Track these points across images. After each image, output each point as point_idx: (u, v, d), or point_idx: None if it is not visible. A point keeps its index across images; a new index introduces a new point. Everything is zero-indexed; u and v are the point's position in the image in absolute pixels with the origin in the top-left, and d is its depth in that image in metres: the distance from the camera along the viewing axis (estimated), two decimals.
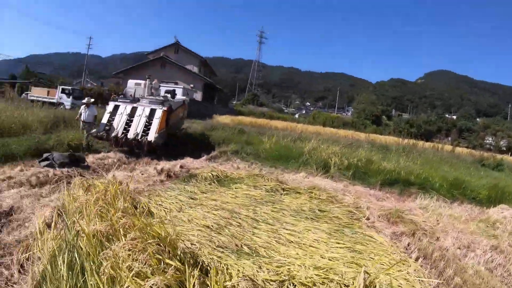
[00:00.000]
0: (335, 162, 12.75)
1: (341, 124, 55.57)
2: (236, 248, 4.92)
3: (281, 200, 7.94)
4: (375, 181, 11.68)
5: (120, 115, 13.36)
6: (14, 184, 7.62)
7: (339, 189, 10.08)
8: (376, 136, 31.39)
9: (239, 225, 5.94)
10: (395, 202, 9.23)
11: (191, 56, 47.07)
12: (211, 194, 7.93)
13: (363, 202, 8.25)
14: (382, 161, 13.21)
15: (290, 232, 5.74)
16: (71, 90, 32.86)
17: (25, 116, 14.78)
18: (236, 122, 30.30)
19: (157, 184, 8.87)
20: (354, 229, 6.35)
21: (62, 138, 12.40)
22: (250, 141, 17.15)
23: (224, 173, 9.92)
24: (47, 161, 9.70)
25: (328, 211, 7.30)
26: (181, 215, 6.22)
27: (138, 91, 15.55)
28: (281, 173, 11.95)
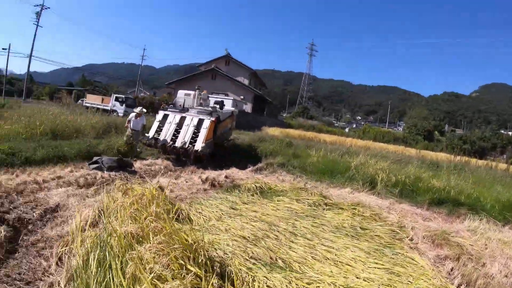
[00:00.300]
0: (382, 178, 12.33)
1: (391, 139, 54.10)
2: (270, 261, 4.86)
3: (322, 215, 7.76)
4: (423, 200, 11.12)
5: (169, 124, 13.66)
6: (62, 184, 8.04)
7: (384, 206, 9.79)
8: (427, 152, 30.30)
9: (277, 238, 5.86)
10: (442, 223, 8.80)
11: (241, 68, 47.53)
12: (252, 205, 7.90)
13: (407, 222, 7.92)
14: (431, 179, 12.60)
15: (327, 249, 5.57)
16: (124, 98, 34.05)
17: (78, 121, 15.48)
18: (285, 135, 30.21)
19: (200, 192, 9.05)
20: (395, 249, 6.06)
21: (112, 144, 12.86)
22: (298, 154, 16.92)
23: (268, 185, 9.85)
24: (96, 164, 10.09)
25: (370, 229, 7.05)
26: (219, 224, 6.25)
27: (187, 101, 15.85)
28: (326, 188, 11.72)
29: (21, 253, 4.65)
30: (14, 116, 14.60)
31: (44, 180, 8.10)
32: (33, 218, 5.79)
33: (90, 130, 15.31)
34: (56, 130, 13.79)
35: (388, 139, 53.52)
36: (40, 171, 8.98)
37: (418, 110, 77.43)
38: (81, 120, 15.93)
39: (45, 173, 8.80)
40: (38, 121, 13.70)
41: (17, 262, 4.38)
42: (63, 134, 13.89)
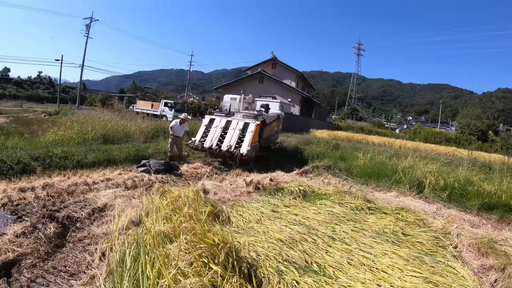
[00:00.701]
0: (430, 181, 11.89)
1: (443, 140, 52.35)
2: (304, 264, 4.85)
3: (364, 219, 7.59)
4: (472, 205, 10.61)
5: (215, 128, 13.84)
6: (111, 185, 8.49)
7: (430, 211, 9.49)
8: (480, 154, 29.05)
9: (314, 241, 5.82)
10: (491, 230, 8.40)
11: (288, 70, 47.36)
12: (294, 209, 7.88)
13: (453, 228, 7.50)
14: (482, 182, 11.96)
15: (364, 254, 5.44)
16: (173, 103, 34.84)
17: (128, 126, 16.01)
18: (332, 137, 29.91)
19: (244, 195, 9.15)
20: (437, 257, 5.76)
21: (160, 148, 13.31)
22: (344, 156, 16.70)
23: (311, 188, 9.74)
24: (144, 167, 10.47)
25: (412, 235, 6.80)
26: (257, 227, 6.29)
27: (233, 106, 16.03)
28: (371, 191, 11.57)
29: (68, 248, 5.03)
30: (67, 122, 15.28)
31: (94, 182, 8.58)
32: (81, 216, 6.23)
33: (139, 134, 15.88)
34: (106, 135, 14.44)
35: (440, 140, 51.88)
36: (91, 174, 9.53)
37: (471, 108, 73.60)
38: (130, 125, 16.53)
39: (95, 175, 9.33)
40: (90, 127, 14.34)
41: (64, 255, 4.77)
42: (114, 138, 14.51)
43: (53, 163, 9.71)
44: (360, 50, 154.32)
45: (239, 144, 13.08)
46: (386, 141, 32.09)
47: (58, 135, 13.23)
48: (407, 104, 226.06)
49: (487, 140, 52.46)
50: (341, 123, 69.95)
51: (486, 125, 62.14)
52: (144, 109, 34.79)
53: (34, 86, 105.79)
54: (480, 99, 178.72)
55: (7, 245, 4.57)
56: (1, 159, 8.76)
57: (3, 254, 4.36)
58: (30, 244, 4.69)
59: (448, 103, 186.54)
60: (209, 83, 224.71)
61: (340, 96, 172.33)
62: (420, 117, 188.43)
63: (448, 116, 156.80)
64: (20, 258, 4.41)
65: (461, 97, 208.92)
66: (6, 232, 5.02)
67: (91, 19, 58.91)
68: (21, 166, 8.90)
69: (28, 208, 6.34)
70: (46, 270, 4.30)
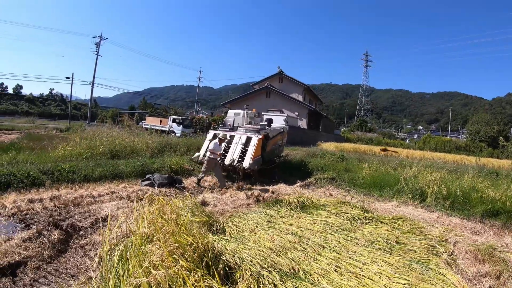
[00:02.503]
0: (432, 190, 11.88)
1: (453, 148, 51.99)
2: (291, 271, 5.00)
3: (360, 229, 7.70)
4: (476, 212, 10.57)
5: None
6: (115, 198, 8.94)
7: (430, 220, 9.55)
8: (488, 160, 28.77)
9: (304, 250, 5.94)
10: (492, 237, 8.40)
11: (295, 84, 47.75)
12: (289, 219, 8.04)
13: (451, 236, 7.45)
14: (487, 188, 11.85)
15: (353, 262, 5.49)
16: (181, 119, 35.25)
17: (135, 142, 16.41)
18: (339, 149, 30.01)
19: (243, 207, 9.42)
20: (428, 265, 5.76)
21: (166, 162, 13.62)
22: (349, 168, 16.83)
23: (310, 200, 9.95)
24: (148, 181, 10.84)
25: (406, 243, 6.84)
26: (249, 235, 6.47)
27: (237, 120, 16.37)
28: (373, 202, 11.71)
29: (70, 253, 5.45)
30: (76, 138, 15.76)
31: (99, 195, 9.01)
32: (85, 225, 6.65)
33: (146, 150, 16.28)
34: (114, 150, 14.86)
35: (450, 148, 51.59)
36: (97, 187, 9.93)
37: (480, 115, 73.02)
38: (137, 141, 16.95)
39: (100, 189, 9.73)
40: (98, 143, 14.77)
41: (66, 259, 5.19)
42: (121, 154, 14.93)
43: (61, 177, 10.11)
44: (367, 61, 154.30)
45: (242, 158, 13.31)
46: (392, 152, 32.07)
47: (67, 150, 13.62)
48: (417, 113, 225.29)
49: (498, 146, 51.88)
50: (350, 135, 69.89)
51: (496, 131, 61.59)
52: (153, 125, 35.36)
53: (46, 103, 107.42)
54: (490, 105, 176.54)
55: (14, 248, 4.99)
56: (12, 172, 9.19)
57: (10, 256, 4.78)
58: (35, 248, 5.12)
59: (458, 111, 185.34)
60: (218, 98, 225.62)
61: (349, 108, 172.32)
62: (430, 126, 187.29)
63: (459, 124, 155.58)
64: (26, 260, 4.83)
65: (471, 104, 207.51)
66: (14, 237, 5.45)
67: (100, 37, 60.24)
68: (31, 179, 9.32)
69: (35, 217, 6.77)
70: (48, 272, 4.71)
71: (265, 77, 49.19)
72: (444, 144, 55.72)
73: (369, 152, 30.87)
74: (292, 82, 47.94)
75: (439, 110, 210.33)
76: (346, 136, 64.35)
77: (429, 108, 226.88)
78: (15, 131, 29.51)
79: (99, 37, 60.21)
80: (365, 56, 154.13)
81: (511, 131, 73.72)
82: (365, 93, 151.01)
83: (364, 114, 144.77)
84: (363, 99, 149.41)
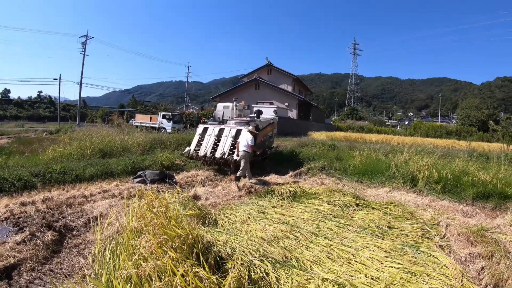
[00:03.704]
0: (423, 175, 12.05)
1: (444, 133, 52.29)
2: (283, 259, 5.10)
3: (351, 215, 7.79)
4: (467, 195, 10.70)
5: (209, 136, 14.18)
6: (107, 196, 8.98)
7: (422, 204, 9.66)
8: (479, 144, 28.87)
9: (296, 238, 6.03)
10: (484, 218, 8.50)
11: (284, 75, 47.73)
12: (281, 209, 8.15)
13: (443, 219, 7.55)
14: (478, 172, 12.05)
15: (345, 248, 5.57)
16: (171, 115, 35.17)
17: (125, 140, 16.41)
18: (330, 138, 30.07)
19: (235, 199, 9.53)
20: (420, 248, 5.84)
21: (157, 159, 13.64)
22: (340, 156, 16.89)
23: (302, 189, 9.99)
24: (139, 178, 10.88)
25: (398, 228, 6.93)
26: (241, 226, 6.57)
27: (226, 113, 16.44)
28: (364, 188, 11.84)
29: (64, 253, 5.50)
30: (66, 139, 15.75)
31: (91, 194, 9.04)
32: (78, 225, 6.70)
33: (136, 147, 16.29)
34: (104, 149, 14.86)
35: (440, 133, 51.87)
36: (88, 186, 9.94)
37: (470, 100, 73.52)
38: (128, 139, 16.95)
39: (92, 188, 9.75)
40: (88, 143, 14.76)
41: (60, 260, 5.24)
42: (111, 152, 14.93)
43: (53, 179, 10.09)
44: (356, 50, 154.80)
45: (232, 151, 13.39)
46: (384, 139, 32.19)
47: (57, 152, 13.57)
48: (407, 100, 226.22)
49: (488, 130, 52.24)
50: (341, 123, 70.09)
51: (486, 115, 62.16)
52: (143, 122, 35.28)
53: (35, 106, 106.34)
54: (480, 90, 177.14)
55: (8, 252, 5.04)
56: (3, 177, 9.15)
57: (5, 260, 4.83)
58: (29, 250, 5.16)
59: (448, 96, 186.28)
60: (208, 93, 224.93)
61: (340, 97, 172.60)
62: (421, 112, 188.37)
63: (449, 109, 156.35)
64: (20, 262, 4.87)
65: (461, 89, 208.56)
66: (8, 240, 5.49)
67: (86, 37, 59.82)
68: (22, 183, 9.28)
69: (29, 220, 6.77)
70: (43, 273, 4.76)
71: (254, 69, 49.13)
72: (435, 129, 56.00)
73: (360, 140, 31.00)
74: (281, 73, 47.92)
75: (429, 96, 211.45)
76: (337, 125, 64.56)
77: (419, 94, 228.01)
78: (4, 136, 29.24)
79: (85, 37, 59.84)
80: (353, 44, 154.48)
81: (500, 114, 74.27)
82: (354, 81, 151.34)
83: (354, 102, 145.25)
84: (352, 87, 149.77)
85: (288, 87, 46.04)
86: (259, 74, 46.40)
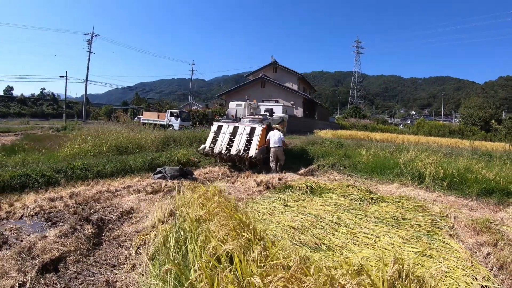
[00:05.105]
0: (430, 172, 12.47)
1: (447, 132, 52.33)
2: (315, 245, 5.61)
3: (367, 208, 8.28)
4: (471, 191, 11.20)
5: (224, 133, 14.51)
6: (132, 192, 9.24)
7: (430, 199, 10.07)
8: (482, 143, 29.08)
9: (322, 227, 6.58)
10: (488, 212, 8.99)
11: (289, 73, 47.84)
12: (302, 202, 8.61)
13: (451, 212, 8.10)
14: (481, 169, 12.48)
15: (367, 236, 6.17)
16: (179, 113, 35.23)
17: (139, 137, 16.64)
18: (336, 136, 30.21)
19: (256, 193, 9.87)
20: (433, 236, 6.44)
21: (173, 155, 13.92)
22: (348, 154, 17.12)
23: (317, 184, 10.44)
24: (160, 174, 11.20)
25: (412, 219, 7.44)
26: (271, 218, 7.10)
27: (239, 112, 16.72)
28: (375, 184, 12.26)
29: (105, 245, 5.70)
30: (81, 136, 16.00)
31: (116, 189, 9.32)
32: (112, 219, 6.94)
33: (150, 144, 16.56)
34: (120, 146, 15.15)
35: (443, 132, 51.88)
36: (111, 182, 10.23)
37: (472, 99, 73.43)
38: (141, 136, 17.19)
39: (116, 184, 10.05)
40: (104, 140, 14.99)
41: (103, 251, 5.44)
42: (127, 149, 15.23)
43: (75, 175, 10.35)
44: (359, 48, 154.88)
45: (247, 148, 13.70)
46: (389, 137, 32.37)
47: (74, 148, 13.86)
48: (409, 98, 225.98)
49: (491, 130, 52.29)
50: (344, 122, 70.13)
51: (489, 114, 62.03)
52: (151, 119, 35.28)
53: (38, 103, 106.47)
54: (482, 89, 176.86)
55: (52, 245, 5.22)
56: (26, 173, 9.37)
57: (49, 253, 5.00)
58: (72, 243, 5.34)
59: (450, 95, 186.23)
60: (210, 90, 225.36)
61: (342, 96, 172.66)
62: (423, 111, 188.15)
63: (451, 108, 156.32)
64: (65, 255, 5.04)
65: (463, 88, 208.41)
66: (47, 234, 5.68)
67: (92, 34, 59.88)
68: (46, 179, 9.52)
69: (60, 215, 7.00)
70: (89, 264, 4.95)
71: (259, 68, 49.25)
72: (438, 128, 56.00)
73: (366, 138, 31.17)
74: (286, 71, 48.02)
75: (432, 95, 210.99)
76: (341, 123, 64.58)
77: (421, 93, 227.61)
78: (11, 133, 29.28)
79: (91, 34, 59.93)
80: (356, 43, 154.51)
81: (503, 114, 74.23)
82: (357, 79, 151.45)
83: (357, 100, 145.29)
84: (355, 85, 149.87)
85: (293, 85, 46.16)
86: (264, 72, 46.52)
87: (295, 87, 46.00)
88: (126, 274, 4.54)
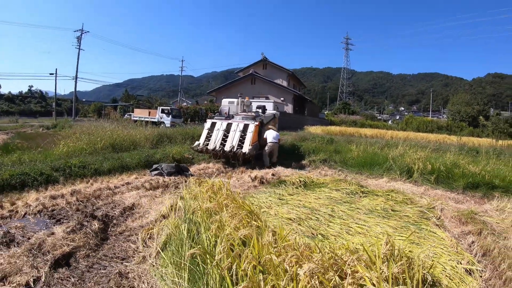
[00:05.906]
0: (418, 167, 12.85)
1: (435, 128, 53.07)
2: (312, 235, 6.04)
3: (358, 201, 8.69)
4: (458, 185, 11.58)
5: (217, 130, 14.75)
6: (132, 188, 9.46)
7: (418, 192, 10.52)
8: (469, 139, 29.72)
9: (317, 219, 6.99)
10: (473, 205, 9.39)
11: (279, 70, 48.22)
12: (297, 196, 9.00)
13: (438, 204, 8.58)
14: (468, 164, 12.90)
15: (359, 226, 6.61)
16: (170, 109, 35.28)
17: (133, 135, 16.83)
18: (326, 132, 30.65)
19: (251, 188, 10.21)
20: (421, 226, 6.89)
21: (167, 152, 14.20)
22: (338, 149, 17.47)
23: (310, 179, 10.87)
24: (157, 171, 11.47)
25: (400, 211, 7.87)
26: (268, 210, 7.51)
27: (231, 109, 16.99)
28: (365, 179, 12.66)
29: (112, 240, 5.92)
30: (75, 134, 16.09)
31: (115, 186, 9.51)
32: (115, 214, 7.17)
33: (144, 141, 16.77)
34: (115, 144, 15.31)
35: (432, 128, 52.57)
36: (110, 179, 10.43)
37: (460, 95, 74.36)
38: (135, 134, 17.37)
39: (114, 181, 10.25)
40: (98, 137, 15.14)
41: (111, 246, 5.65)
42: (122, 147, 15.41)
43: (73, 173, 10.48)
44: (348, 45, 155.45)
45: (240, 144, 13.98)
46: (378, 133, 32.98)
47: (70, 146, 13.95)
48: (398, 95, 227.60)
49: (478, 126, 53.12)
50: (334, 118, 70.64)
51: (477, 110, 62.95)
52: (142, 116, 35.25)
53: (26, 101, 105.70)
54: (470, 85, 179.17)
55: (61, 241, 5.41)
56: (25, 172, 9.46)
57: (59, 249, 5.19)
58: (81, 239, 5.54)
59: (439, 92, 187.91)
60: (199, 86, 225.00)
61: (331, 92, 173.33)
62: (412, 107, 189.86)
63: (440, 104, 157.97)
64: (75, 250, 5.23)
65: (452, 85, 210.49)
66: (55, 231, 5.87)
67: (81, 31, 59.64)
68: (45, 177, 9.62)
69: (63, 212, 7.15)
70: (99, 258, 5.14)
71: (249, 64, 49.59)
72: (426, 124, 56.76)
73: (356, 134, 31.71)
74: (276, 68, 48.37)
75: (420, 91, 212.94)
76: (330, 119, 65.07)
77: (410, 89, 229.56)
78: (1, 132, 29.02)
79: (80, 31, 59.67)
80: (345, 39, 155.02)
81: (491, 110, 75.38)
82: (346, 76, 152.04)
83: (346, 97, 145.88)
84: (344, 82, 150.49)
85: (283, 82, 46.51)
86: (254, 69, 46.83)
87: (285, 84, 46.33)
88: (137, 266, 4.76)
